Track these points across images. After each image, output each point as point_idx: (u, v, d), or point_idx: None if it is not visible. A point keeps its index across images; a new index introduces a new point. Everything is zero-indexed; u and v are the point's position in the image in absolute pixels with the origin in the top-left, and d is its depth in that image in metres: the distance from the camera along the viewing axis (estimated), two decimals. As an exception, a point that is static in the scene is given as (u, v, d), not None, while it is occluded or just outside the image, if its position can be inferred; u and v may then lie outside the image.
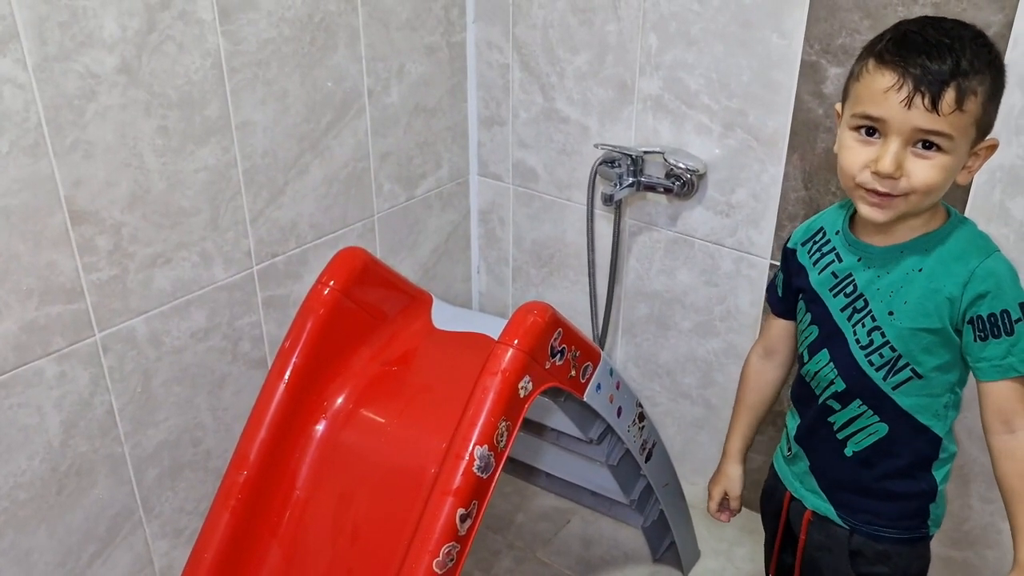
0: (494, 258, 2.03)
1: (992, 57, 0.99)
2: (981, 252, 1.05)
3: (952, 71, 0.95)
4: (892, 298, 1.08)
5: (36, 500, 1.36)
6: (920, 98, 0.95)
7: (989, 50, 0.99)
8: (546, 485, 1.96)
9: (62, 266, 1.29)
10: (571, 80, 1.72)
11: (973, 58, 0.96)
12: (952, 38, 0.97)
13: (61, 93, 1.22)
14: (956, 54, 0.96)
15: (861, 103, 1.01)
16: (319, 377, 1.34)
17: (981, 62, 0.97)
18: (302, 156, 1.57)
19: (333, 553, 1.29)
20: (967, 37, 0.98)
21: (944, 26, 0.99)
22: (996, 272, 1.03)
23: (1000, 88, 1.01)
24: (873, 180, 1.01)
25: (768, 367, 1.32)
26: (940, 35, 0.97)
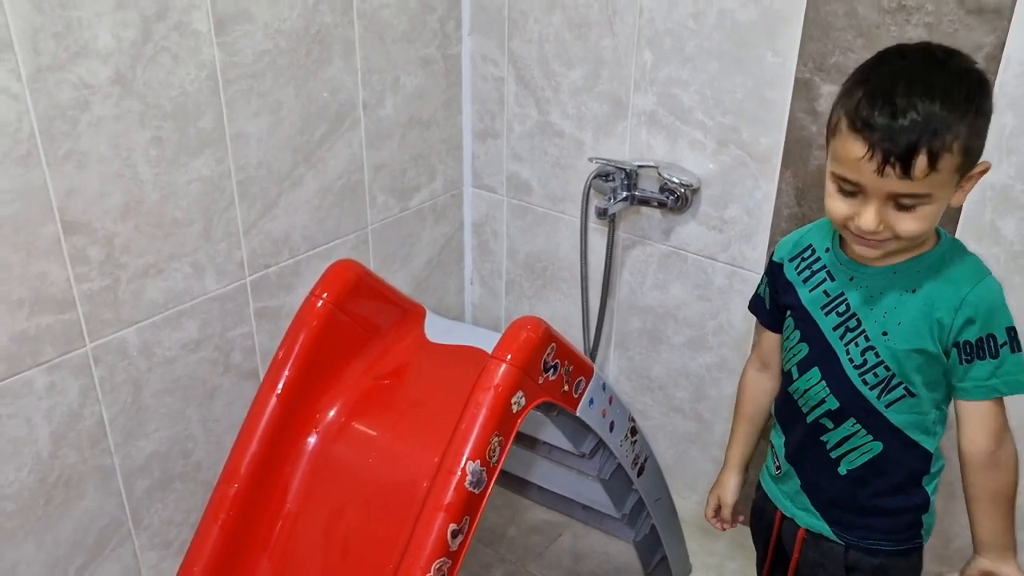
0: (487, 271, 2.03)
1: (972, 92, 0.96)
2: (973, 277, 1.05)
3: (921, 135, 0.93)
4: (886, 319, 1.08)
5: (24, 511, 1.35)
6: (892, 168, 0.95)
7: (968, 86, 0.96)
8: (538, 498, 1.96)
9: (54, 276, 1.28)
10: (566, 94, 1.72)
11: (947, 109, 0.94)
12: (924, 89, 0.94)
13: (55, 103, 1.21)
14: (926, 114, 0.93)
15: (838, 164, 1.01)
16: (311, 390, 1.34)
17: (956, 111, 0.94)
18: (296, 168, 1.57)
19: (324, 567, 1.29)
20: (941, 84, 0.95)
21: (917, 72, 0.96)
22: (986, 299, 1.04)
23: (984, 119, 0.99)
24: (858, 231, 1.02)
25: (765, 378, 1.32)
26: (911, 90, 0.94)
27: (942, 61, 0.98)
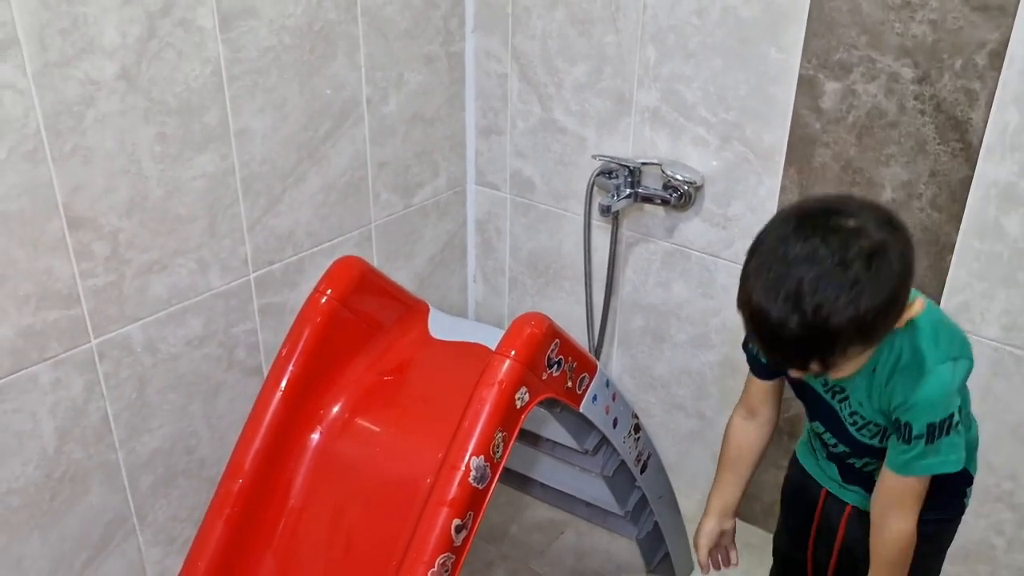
0: (490, 268, 2.03)
1: (865, 301, 0.89)
2: (922, 370, 1.02)
3: (809, 352, 0.91)
4: (857, 390, 1.11)
5: (29, 506, 1.35)
6: (795, 370, 0.96)
7: (860, 297, 0.89)
8: (540, 495, 1.96)
9: (59, 272, 1.29)
10: (569, 91, 1.73)
11: (832, 314, 0.88)
12: (809, 300, 0.88)
13: (61, 99, 1.22)
14: (811, 333, 0.88)
15: (752, 340, 0.98)
16: (315, 386, 1.34)
17: (845, 312, 0.88)
18: (300, 164, 1.57)
19: (327, 563, 1.29)
20: (825, 296, 0.87)
21: (799, 281, 0.89)
22: (929, 398, 1.03)
23: (885, 313, 0.92)
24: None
25: (751, 427, 1.29)
26: (792, 307, 0.89)
27: (833, 254, 0.89)
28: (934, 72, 1.34)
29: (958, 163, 1.37)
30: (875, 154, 1.43)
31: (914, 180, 1.41)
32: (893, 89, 1.38)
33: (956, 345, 1.07)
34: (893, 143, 1.41)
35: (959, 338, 1.08)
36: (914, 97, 1.37)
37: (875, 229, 0.92)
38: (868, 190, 1.46)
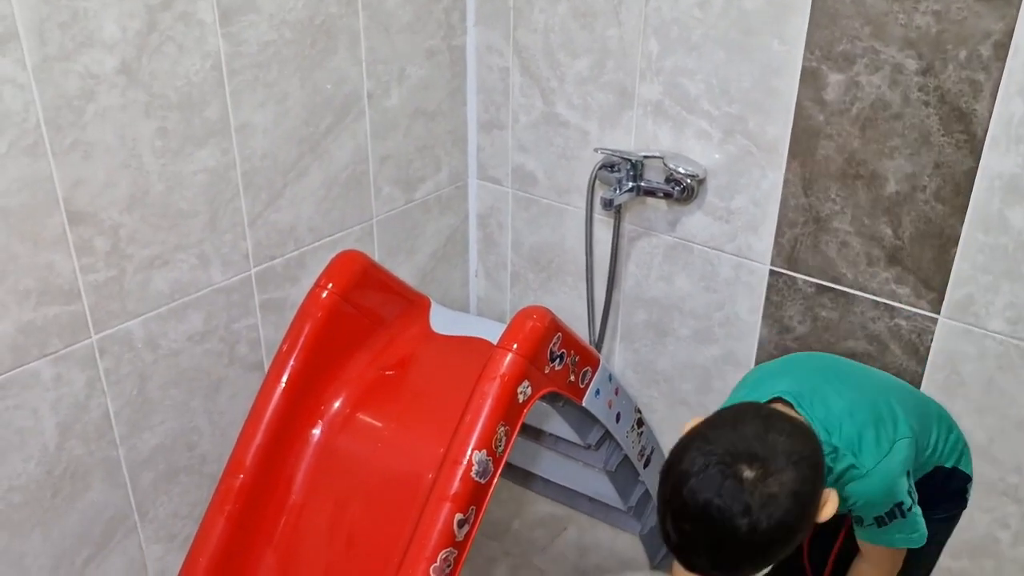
0: (492, 263, 2.03)
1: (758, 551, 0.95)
2: (859, 478, 1.08)
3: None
4: None
5: (31, 503, 1.35)
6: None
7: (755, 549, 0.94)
8: (543, 491, 1.96)
9: (60, 267, 1.28)
10: (571, 84, 1.72)
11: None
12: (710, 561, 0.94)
13: (61, 93, 1.21)
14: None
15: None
16: (316, 381, 1.34)
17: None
18: (301, 159, 1.57)
19: (328, 559, 1.29)
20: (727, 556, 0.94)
21: (700, 543, 0.95)
22: (870, 500, 1.09)
23: (785, 538, 0.96)
24: None
25: None
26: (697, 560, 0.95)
27: (728, 527, 0.92)
28: (938, 63, 1.33)
29: (962, 155, 1.36)
30: (879, 146, 1.42)
31: (918, 172, 1.41)
32: (897, 80, 1.37)
33: (885, 435, 1.09)
34: (897, 135, 1.40)
35: (883, 423, 1.10)
36: (918, 88, 1.36)
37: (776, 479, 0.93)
38: (871, 182, 1.45)
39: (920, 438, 1.15)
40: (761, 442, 0.93)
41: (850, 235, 1.51)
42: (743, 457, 0.92)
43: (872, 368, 1.38)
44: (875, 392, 1.16)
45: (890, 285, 1.50)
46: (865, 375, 1.28)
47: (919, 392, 1.31)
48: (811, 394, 1.08)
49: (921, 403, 1.26)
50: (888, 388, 1.21)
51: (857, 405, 1.09)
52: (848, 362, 1.35)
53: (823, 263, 1.55)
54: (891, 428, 1.09)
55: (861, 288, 1.53)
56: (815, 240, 1.55)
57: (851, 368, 1.30)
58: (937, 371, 1.50)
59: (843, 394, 1.10)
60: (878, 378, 1.28)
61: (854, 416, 1.07)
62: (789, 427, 0.98)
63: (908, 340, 1.51)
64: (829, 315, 1.58)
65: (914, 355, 1.52)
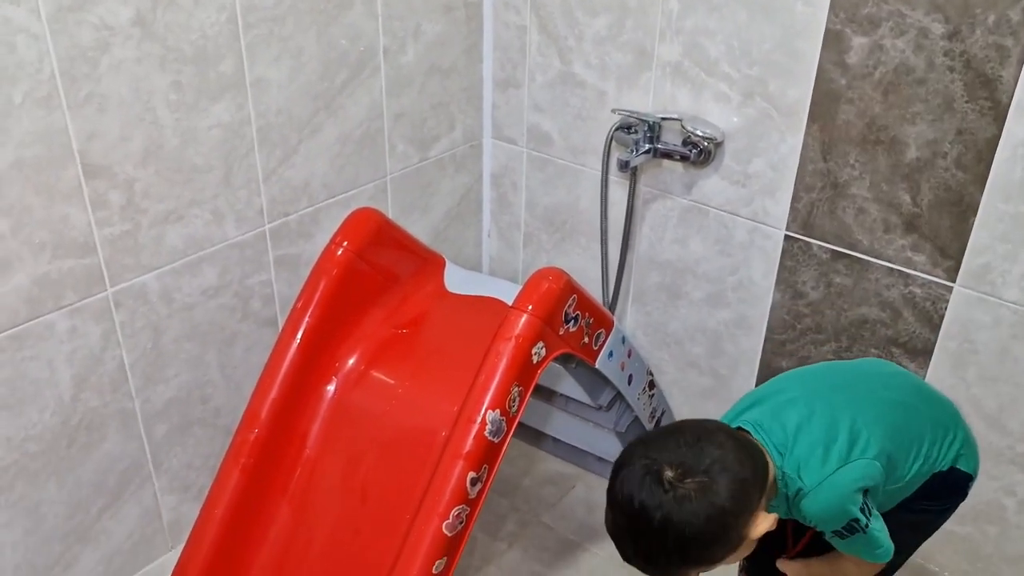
0: (506, 223, 2.02)
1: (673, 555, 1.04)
2: (808, 494, 1.12)
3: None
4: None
5: (47, 453, 1.36)
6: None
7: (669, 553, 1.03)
8: (552, 450, 1.97)
9: (75, 220, 1.28)
10: (589, 44, 1.70)
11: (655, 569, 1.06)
12: (634, 551, 1.06)
13: (75, 44, 1.20)
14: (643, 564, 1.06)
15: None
16: (331, 338, 1.34)
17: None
18: (316, 115, 1.56)
19: (342, 513, 1.30)
20: (644, 549, 1.05)
21: (628, 536, 1.06)
22: (820, 516, 1.13)
23: (702, 554, 1.05)
24: None
25: None
26: (627, 550, 1.06)
27: (650, 522, 1.02)
28: (965, 27, 1.30)
29: (986, 122, 1.34)
30: (900, 111, 1.41)
31: (939, 139, 1.39)
32: (922, 45, 1.35)
33: (837, 454, 1.11)
34: (920, 100, 1.38)
35: (835, 442, 1.12)
36: (943, 53, 1.34)
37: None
38: (892, 148, 1.43)
39: (896, 455, 1.17)
40: (691, 450, 1.04)
41: (868, 201, 1.50)
42: (669, 461, 1.03)
43: (870, 373, 1.34)
44: (846, 409, 1.17)
45: (906, 252, 1.49)
46: (848, 388, 1.26)
47: (913, 400, 1.27)
48: (772, 418, 1.15)
49: (909, 416, 1.23)
50: (867, 404, 1.20)
51: (814, 423, 1.14)
52: (838, 371, 1.35)
53: (839, 229, 1.54)
54: (846, 447, 1.13)
55: (876, 255, 1.52)
56: (832, 206, 1.53)
57: (835, 381, 1.29)
58: (950, 339, 1.50)
59: (803, 412, 1.16)
60: (862, 391, 1.25)
61: (806, 434, 1.13)
62: (730, 444, 1.06)
63: (922, 308, 1.51)
64: (843, 281, 1.58)
65: (927, 323, 1.51)
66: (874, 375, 1.31)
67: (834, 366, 1.42)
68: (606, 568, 1.73)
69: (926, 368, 1.54)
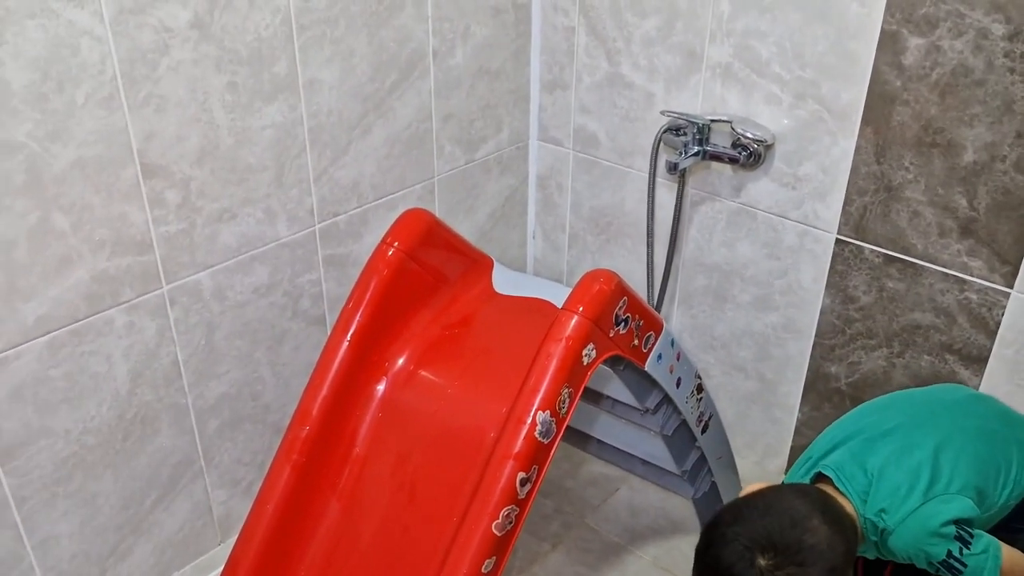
0: (551, 224, 2.02)
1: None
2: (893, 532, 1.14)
3: None
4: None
5: (103, 446, 1.39)
6: None
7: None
8: (597, 452, 1.96)
9: (133, 218, 1.31)
10: (638, 45, 1.69)
11: None
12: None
13: (136, 47, 1.23)
14: None
15: None
16: (381, 337, 1.35)
17: None
18: (366, 116, 1.57)
19: (390, 511, 1.31)
20: None
21: None
22: (906, 552, 1.13)
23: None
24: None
25: None
26: None
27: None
28: (1026, 28, 1.28)
29: (1047, 125, 1.31)
30: (958, 114, 1.38)
31: (998, 142, 1.36)
32: (981, 46, 1.32)
33: (918, 489, 1.12)
34: (978, 102, 1.36)
35: (919, 478, 1.13)
36: (1004, 54, 1.31)
37: None
38: (948, 151, 1.41)
39: (984, 485, 1.17)
40: (785, 535, 1.05)
41: (922, 205, 1.47)
42: (763, 546, 1.04)
43: (950, 402, 1.34)
44: (928, 445, 1.17)
45: (962, 257, 1.46)
46: (930, 421, 1.25)
47: (996, 425, 1.25)
48: (853, 462, 1.17)
49: (993, 443, 1.22)
50: (950, 436, 1.20)
51: (896, 463, 1.16)
52: (917, 402, 1.35)
53: (892, 233, 1.52)
54: (927, 483, 1.14)
55: (931, 260, 1.50)
56: (885, 209, 1.51)
57: (915, 414, 1.28)
58: (1006, 347, 1.47)
59: (885, 453, 1.17)
60: (944, 423, 1.24)
61: (888, 476, 1.15)
62: (823, 530, 1.06)
63: (978, 314, 1.48)
64: (896, 286, 1.55)
65: (983, 329, 1.48)
66: (954, 404, 1.31)
67: (912, 396, 1.41)
68: (649, 571, 1.72)
69: (981, 376, 1.51)
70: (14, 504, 1.31)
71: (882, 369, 1.63)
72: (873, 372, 1.64)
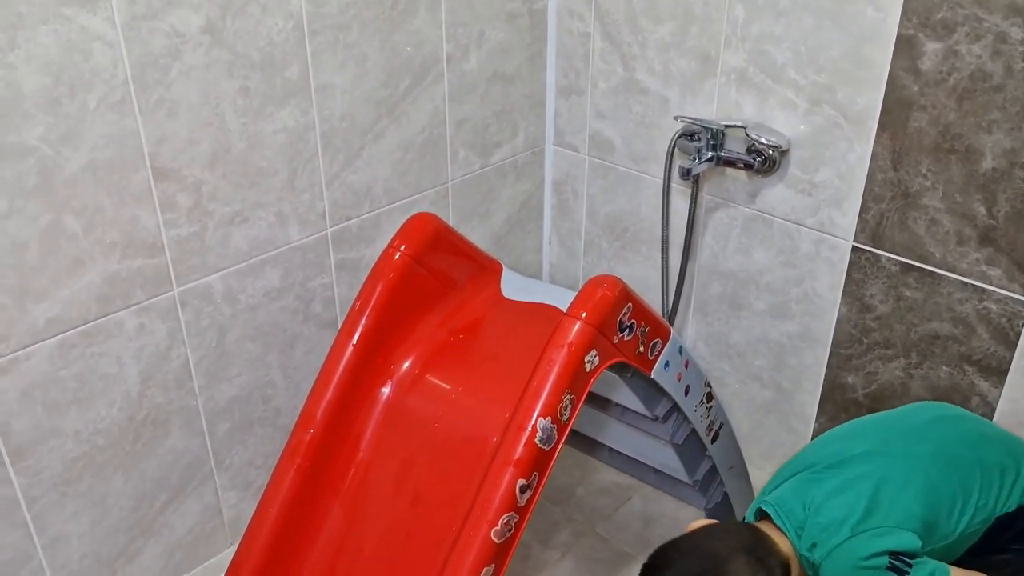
0: (566, 230, 2.01)
1: None
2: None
3: None
4: None
5: (113, 447, 1.41)
6: None
7: None
8: (608, 460, 1.95)
9: (144, 221, 1.32)
10: (653, 50, 1.68)
11: None
12: None
13: (148, 52, 1.24)
14: None
15: None
16: (387, 341, 1.35)
17: None
18: (379, 121, 1.58)
19: (393, 516, 1.31)
20: None
21: None
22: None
23: None
24: None
25: None
26: None
27: None
28: (1046, 32, 1.25)
29: (1068, 131, 1.28)
30: (976, 119, 1.35)
31: (1018, 148, 1.33)
32: (1000, 50, 1.30)
33: (847, 524, 1.11)
34: (997, 108, 1.33)
35: (853, 512, 1.12)
36: (1023, 59, 1.28)
37: None
38: (966, 157, 1.38)
39: (933, 515, 1.15)
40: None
41: (940, 212, 1.44)
42: None
43: (909, 428, 1.30)
44: (871, 478, 1.16)
45: (981, 266, 1.43)
46: (882, 451, 1.23)
47: (956, 449, 1.22)
48: (794, 496, 1.17)
49: (948, 469, 1.19)
50: (898, 467, 1.18)
51: (835, 498, 1.15)
52: (878, 427, 1.32)
53: (910, 241, 1.49)
54: (860, 517, 1.13)
55: (949, 268, 1.47)
56: (902, 216, 1.49)
57: (869, 443, 1.25)
58: (1027, 358, 1.44)
59: (828, 487, 1.17)
60: (897, 452, 1.22)
61: (824, 511, 1.15)
62: (742, 564, 1.09)
63: (997, 324, 1.45)
64: (913, 295, 1.52)
65: (1003, 340, 1.45)
66: (912, 429, 1.28)
67: (878, 421, 1.37)
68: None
69: (1001, 387, 1.48)
70: (24, 503, 1.32)
71: (899, 380, 1.60)
72: (891, 383, 1.61)
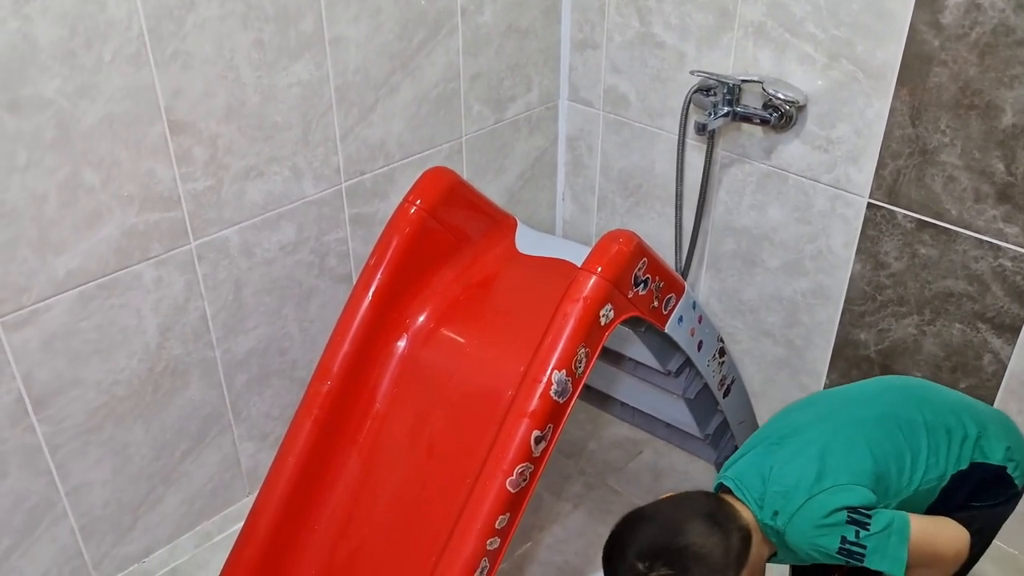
0: (580, 185, 2.01)
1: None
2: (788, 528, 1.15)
3: None
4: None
5: (134, 397, 1.43)
6: None
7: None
8: (620, 414, 1.97)
9: (161, 175, 1.33)
10: (670, 4, 1.66)
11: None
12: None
13: (162, 3, 1.24)
14: None
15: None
16: (402, 295, 1.36)
17: None
18: (393, 74, 1.57)
19: (409, 466, 1.33)
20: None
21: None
22: (801, 546, 1.14)
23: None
24: None
25: None
26: None
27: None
28: (1072, -15, 1.23)
29: (1090, 86, 1.27)
30: (998, 74, 1.34)
31: (1039, 104, 1.32)
32: (1023, 4, 1.28)
33: (808, 484, 1.13)
34: (1019, 63, 1.31)
35: (805, 474, 1.14)
36: (1046, 13, 1.26)
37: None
38: (986, 113, 1.37)
39: (883, 470, 1.17)
40: (662, 540, 1.11)
41: (958, 169, 1.43)
42: (643, 551, 1.10)
43: (857, 396, 1.32)
44: (817, 442, 1.18)
45: (997, 223, 1.43)
46: (829, 417, 1.24)
47: (902, 411, 1.24)
48: (751, 469, 1.19)
49: (891, 429, 1.21)
50: (843, 430, 1.20)
51: (787, 466, 1.17)
52: (826, 400, 1.33)
53: (926, 198, 1.49)
54: (813, 480, 1.14)
55: (965, 225, 1.46)
56: (919, 173, 1.48)
57: (817, 412, 1.27)
58: (1041, 315, 1.44)
59: (781, 456, 1.18)
60: (842, 418, 1.23)
61: (778, 480, 1.16)
62: (701, 530, 1.11)
63: (1012, 282, 1.45)
64: (928, 252, 1.52)
65: (1017, 298, 1.45)
66: (859, 396, 1.30)
67: (828, 395, 1.39)
68: (671, 534, 1.73)
69: (1013, 344, 1.48)
70: (48, 451, 1.35)
71: (912, 337, 1.60)
72: (903, 340, 1.62)
